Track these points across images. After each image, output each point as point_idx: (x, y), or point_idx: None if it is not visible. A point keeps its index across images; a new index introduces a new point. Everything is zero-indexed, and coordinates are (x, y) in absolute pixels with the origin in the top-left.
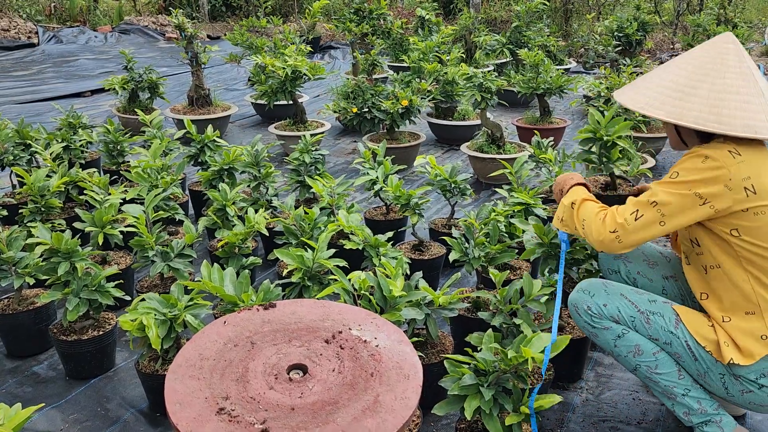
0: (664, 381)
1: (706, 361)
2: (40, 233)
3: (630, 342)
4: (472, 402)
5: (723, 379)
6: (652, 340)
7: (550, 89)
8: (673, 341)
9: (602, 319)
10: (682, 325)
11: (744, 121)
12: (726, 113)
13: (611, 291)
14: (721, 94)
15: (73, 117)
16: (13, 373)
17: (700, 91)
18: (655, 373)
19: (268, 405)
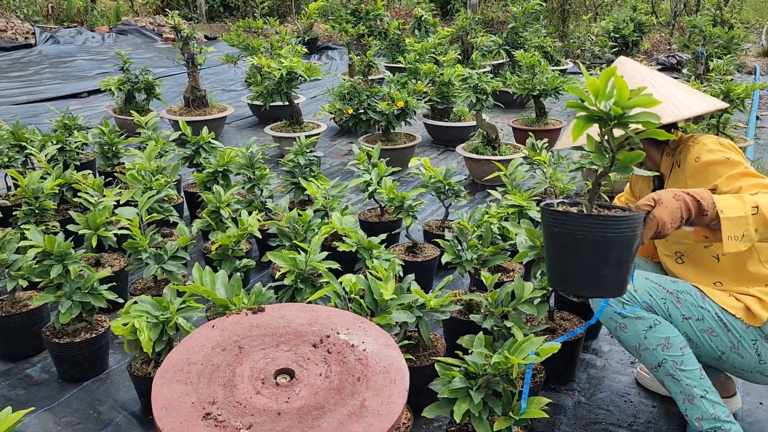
0: (687, 379)
1: (738, 330)
2: (33, 236)
3: (661, 333)
4: (461, 405)
5: (756, 345)
6: (685, 319)
7: (545, 90)
8: (705, 315)
9: (634, 306)
10: (708, 298)
11: (695, 105)
12: (681, 104)
13: (634, 276)
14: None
15: (69, 118)
16: (6, 375)
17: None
18: (680, 370)
19: (255, 410)
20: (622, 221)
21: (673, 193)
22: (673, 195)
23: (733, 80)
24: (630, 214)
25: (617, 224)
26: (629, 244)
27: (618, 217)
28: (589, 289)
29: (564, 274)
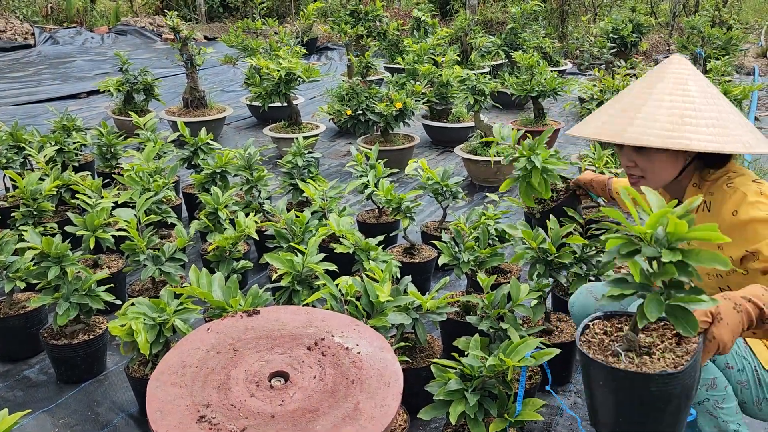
0: (724, 416)
1: (766, 386)
2: (30, 237)
3: (709, 374)
4: (457, 407)
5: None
6: (727, 368)
7: (544, 91)
8: (746, 366)
9: None
10: (750, 350)
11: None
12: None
13: None
14: (722, 114)
15: (67, 119)
16: (4, 377)
17: (705, 113)
18: (719, 407)
19: (249, 413)
20: (679, 375)
21: (734, 302)
22: (734, 305)
23: (732, 81)
24: (687, 365)
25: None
26: (688, 393)
27: (674, 374)
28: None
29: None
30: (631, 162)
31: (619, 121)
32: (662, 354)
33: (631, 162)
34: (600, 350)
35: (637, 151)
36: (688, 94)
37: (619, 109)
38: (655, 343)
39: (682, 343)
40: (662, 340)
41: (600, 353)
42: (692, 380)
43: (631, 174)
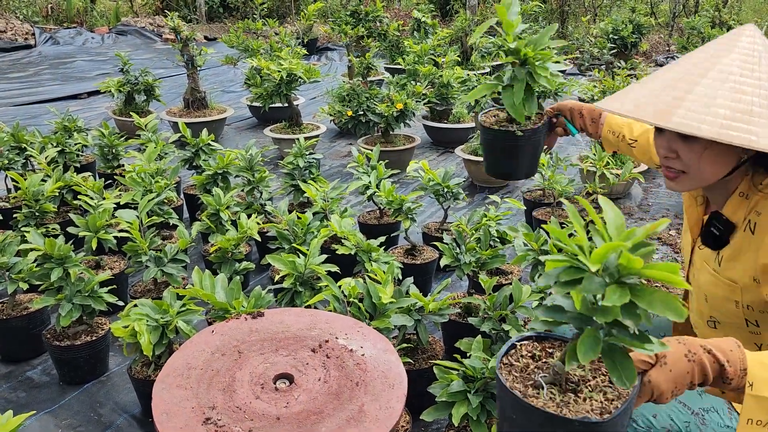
0: None
1: None
2: (33, 239)
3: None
4: (459, 408)
5: None
6: None
7: (545, 92)
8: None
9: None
10: (736, 414)
11: None
12: None
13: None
14: None
15: (69, 120)
16: (7, 378)
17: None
18: None
19: (254, 415)
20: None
21: (687, 349)
22: (686, 353)
23: None
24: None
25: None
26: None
27: None
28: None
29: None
30: (672, 152)
31: (665, 98)
32: (590, 393)
33: (672, 152)
34: (521, 378)
35: (684, 139)
36: (760, 77)
37: (668, 83)
38: (586, 378)
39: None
40: (594, 375)
41: (520, 382)
42: (620, 429)
43: (669, 167)
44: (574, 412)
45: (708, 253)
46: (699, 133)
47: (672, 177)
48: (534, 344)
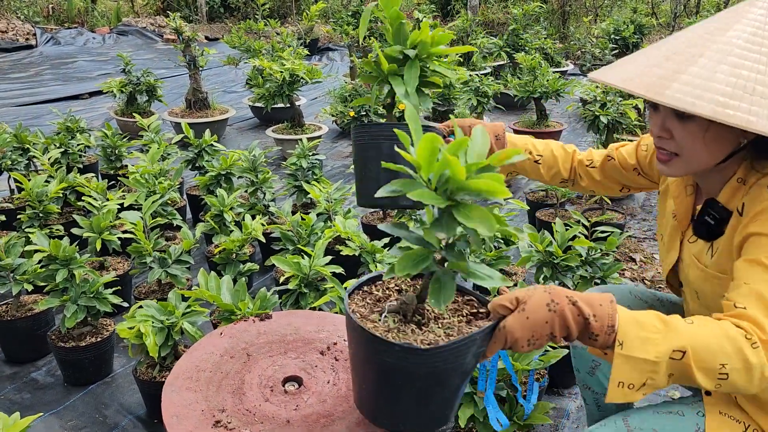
0: None
1: None
2: (38, 240)
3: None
4: (466, 410)
5: None
6: None
7: (546, 93)
8: None
9: None
10: None
11: None
12: None
13: (636, 425)
14: None
15: (71, 121)
16: (12, 379)
17: None
18: None
19: (264, 417)
20: (423, 354)
21: (551, 298)
22: (547, 301)
23: None
24: (439, 346)
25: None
26: (441, 378)
27: (427, 351)
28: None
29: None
30: (666, 132)
31: (660, 71)
32: (434, 328)
33: (665, 132)
34: (371, 305)
35: (680, 117)
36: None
37: (666, 55)
38: (442, 316)
39: (472, 325)
40: (453, 315)
41: (368, 308)
42: (448, 365)
43: (662, 148)
44: (401, 339)
45: (700, 246)
46: (692, 110)
47: (664, 160)
48: (405, 279)
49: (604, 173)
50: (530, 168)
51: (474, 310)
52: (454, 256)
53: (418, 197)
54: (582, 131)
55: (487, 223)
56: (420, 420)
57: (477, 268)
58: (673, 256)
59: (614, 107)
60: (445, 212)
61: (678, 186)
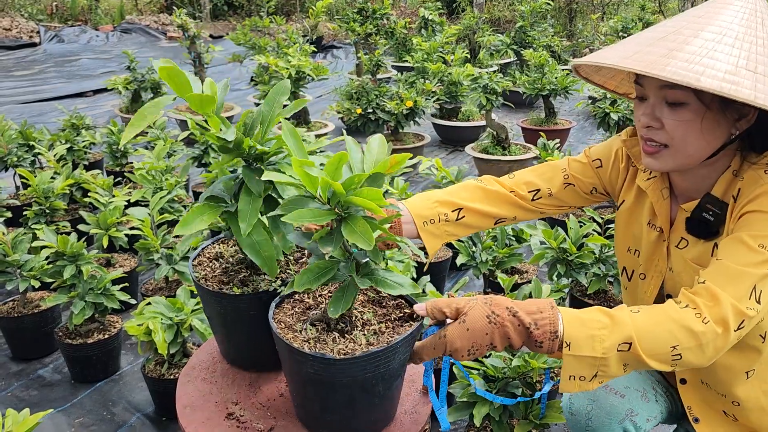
0: None
1: None
2: (46, 236)
3: None
4: (481, 409)
5: None
6: None
7: (555, 90)
8: None
9: None
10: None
11: None
12: None
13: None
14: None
15: (76, 118)
16: (19, 376)
17: None
18: None
19: (277, 412)
20: (338, 363)
21: (492, 310)
22: (487, 312)
23: None
24: (357, 355)
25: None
26: (366, 386)
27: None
28: None
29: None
30: (656, 121)
31: (658, 49)
32: (357, 336)
33: (655, 121)
34: (299, 314)
35: (671, 106)
36: (764, 38)
37: (661, 36)
38: (370, 322)
39: (399, 329)
40: (381, 320)
41: (295, 317)
42: (368, 373)
43: (650, 139)
44: (320, 349)
45: (699, 249)
46: (698, 85)
47: (651, 152)
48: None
49: (556, 200)
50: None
51: (402, 314)
52: (350, 268)
53: (302, 216)
54: (591, 129)
55: (366, 236)
56: (352, 426)
57: (387, 276)
58: (660, 270)
59: (624, 104)
60: (337, 225)
61: (654, 191)
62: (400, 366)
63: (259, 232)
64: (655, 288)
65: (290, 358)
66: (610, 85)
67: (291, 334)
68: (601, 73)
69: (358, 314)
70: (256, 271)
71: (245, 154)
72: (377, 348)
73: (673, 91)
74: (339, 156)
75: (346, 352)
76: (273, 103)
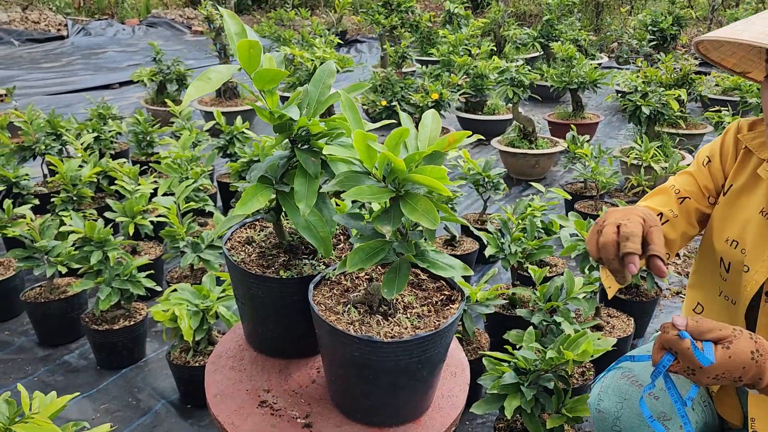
0: None
1: None
2: (73, 221)
3: None
4: (512, 401)
5: None
6: None
7: (583, 83)
8: None
9: None
10: None
11: None
12: None
13: None
14: None
15: (103, 108)
16: (45, 361)
17: None
18: None
19: (311, 399)
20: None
21: (757, 345)
22: (752, 348)
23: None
24: (403, 340)
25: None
26: (409, 370)
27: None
28: None
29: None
30: None
31: None
32: (401, 319)
33: None
34: (337, 297)
35: None
36: None
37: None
38: (411, 305)
39: (442, 314)
40: (423, 304)
41: (335, 299)
42: (414, 358)
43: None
44: (365, 332)
45: None
46: None
47: None
48: (376, 267)
49: (682, 222)
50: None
51: (443, 297)
52: (406, 248)
53: (362, 192)
54: (618, 124)
55: (431, 214)
56: (392, 411)
57: (438, 257)
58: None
59: (656, 97)
60: (393, 203)
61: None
62: (445, 351)
63: (314, 213)
64: (757, 284)
65: (333, 342)
66: (728, 63)
67: (334, 317)
68: (722, 50)
69: (400, 297)
70: (296, 255)
71: (297, 134)
72: (425, 332)
73: None
74: (400, 131)
75: (392, 335)
76: (320, 84)
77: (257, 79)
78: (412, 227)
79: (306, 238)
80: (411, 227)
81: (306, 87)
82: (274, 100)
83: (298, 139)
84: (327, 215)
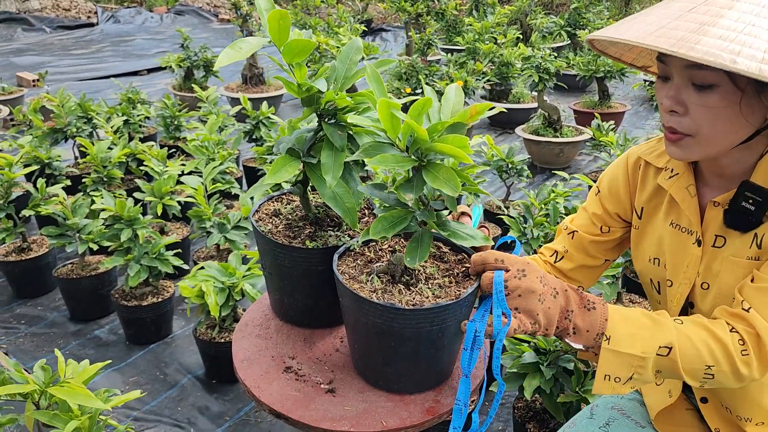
0: None
1: None
2: (104, 200)
3: None
4: (532, 381)
5: None
6: None
7: (610, 72)
8: None
9: None
10: None
11: None
12: None
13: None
14: None
15: (132, 92)
16: (76, 335)
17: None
18: None
19: (335, 366)
20: (406, 314)
21: (553, 287)
22: (552, 290)
23: None
24: (424, 307)
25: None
26: (431, 337)
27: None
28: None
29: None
30: (681, 105)
31: (686, 24)
32: (423, 289)
33: (680, 105)
34: (361, 267)
35: (698, 90)
36: None
37: (687, 7)
38: (433, 276)
39: (461, 285)
40: (444, 275)
41: (358, 269)
42: (435, 326)
43: (671, 128)
44: (387, 299)
45: (737, 244)
46: (733, 67)
47: (674, 139)
48: (398, 239)
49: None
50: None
51: (464, 269)
52: (428, 216)
53: (386, 160)
54: (645, 114)
55: (453, 182)
56: (413, 379)
57: (459, 227)
58: (689, 276)
59: None
60: (415, 173)
61: (679, 190)
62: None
63: (340, 184)
64: (682, 296)
65: (357, 309)
66: (627, 58)
67: (357, 285)
68: (618, 46)
69: (421, 268)
70: (321, 227)
71: (324, 108)
72: (445, 301)
73: (701, 72)
74: (423, 101)
75: (414, 303)
76: (347, 60)
77: (286, 51)
78: (435, 197)
79: (333, 209)
80: (433, 197)
81: (333, 63)
82: (302, 72)
83: (325, 113)
84: (353, 187)
